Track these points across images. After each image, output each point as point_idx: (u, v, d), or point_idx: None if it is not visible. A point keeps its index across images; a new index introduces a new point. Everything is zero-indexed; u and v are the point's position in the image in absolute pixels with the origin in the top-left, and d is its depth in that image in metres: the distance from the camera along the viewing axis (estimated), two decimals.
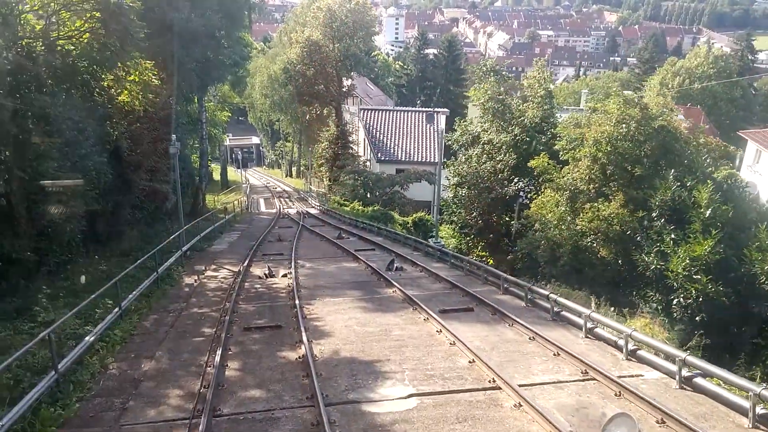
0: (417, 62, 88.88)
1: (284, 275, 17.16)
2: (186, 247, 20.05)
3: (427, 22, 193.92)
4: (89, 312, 11.78)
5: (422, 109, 54.06)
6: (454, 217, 31.08)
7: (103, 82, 17.90)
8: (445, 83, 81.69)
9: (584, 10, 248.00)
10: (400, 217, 33.45)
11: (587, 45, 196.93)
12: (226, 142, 77.41)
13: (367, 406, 8.43)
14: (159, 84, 22.03)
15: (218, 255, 21.64)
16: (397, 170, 40.50)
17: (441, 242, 26.93)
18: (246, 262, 18.79)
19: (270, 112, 68.47)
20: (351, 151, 47.27)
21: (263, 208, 48.06)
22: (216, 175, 61.40)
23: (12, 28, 14.33)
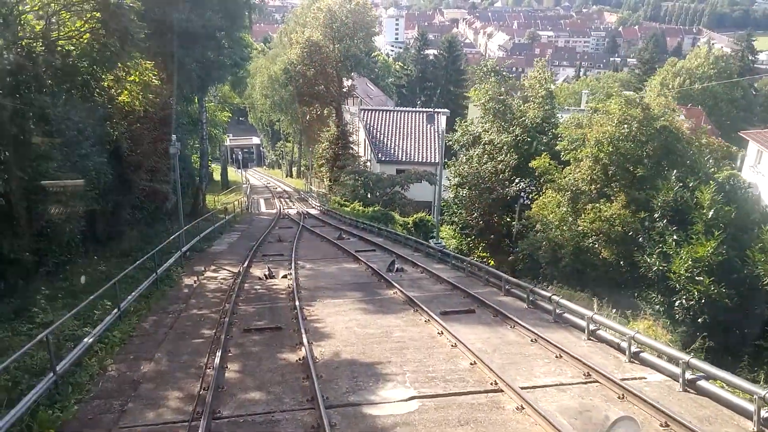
0: (417, 63, 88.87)
1: (284, 276, 17.09)
2: (186, 247, 19.99)
3: (427, 23, 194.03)
4: (88, 313, 11.71)
5: (422, 109, 54.02)
6: (455, 218, 31.03)
7: (103, 83, 17.86)
8: (445, 84, 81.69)
9: (584, 10, 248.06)
10: (401, 218, 33.38)
11: (587, 45, 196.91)
12: (227, 143, 77.39)
13: (368, 409, 8.36)
14: (159, 84, 22.00)
15: (218, 256, 21.57)
16: (398, 171, 40.45)
17: (442, 243, 26.86)
18: (246, 263, 18.72)
19: (270, 112, 68.49)
20: (351, 151, 47.23)
21: (263, 208, 48.00)
22: (216, 175, 61.36)
23: (12, 28, 14.27)
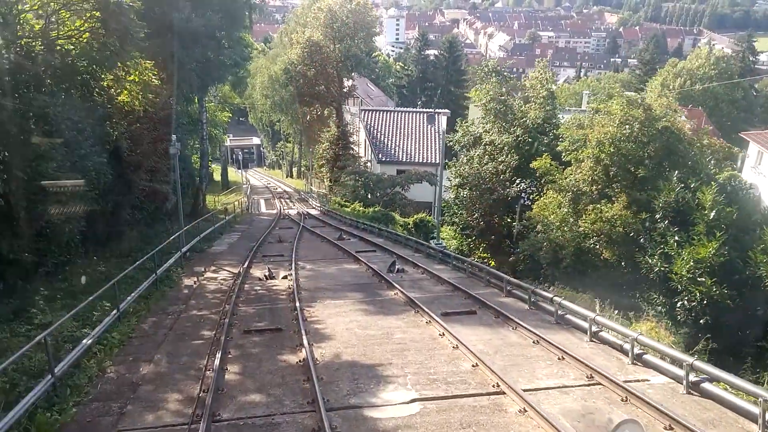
0: (418, 63, 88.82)
1: (284, 277, 17.02)
2: (186, 248, 19.93)
3: (427, 23, 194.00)
4: (87, 314, 11.65)
5: (423, 109, 53.96)
6: (456, 219, 30.97)
7: (102, 82, 17.77)
8: (445, 84, 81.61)
9: (585, 11, 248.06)
10: (401, 218, 33.31)
11: (588, 46, 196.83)
12: (227, 143, 77.32)
13: (369, 411, 8.28)
14: (159, 84, 21.90)
15: (218, 256, 21.51)
16: (398, 171, 40.38)
17: (442, 243, 26.77)
18: (246, 264, 18.65)
19: (271, 112, 68.43)
20: (352, 151, 47.17)
21: (264, 208, 47.94)
22: (216, 175, 61.29)
23: (11, 27, 14.21)
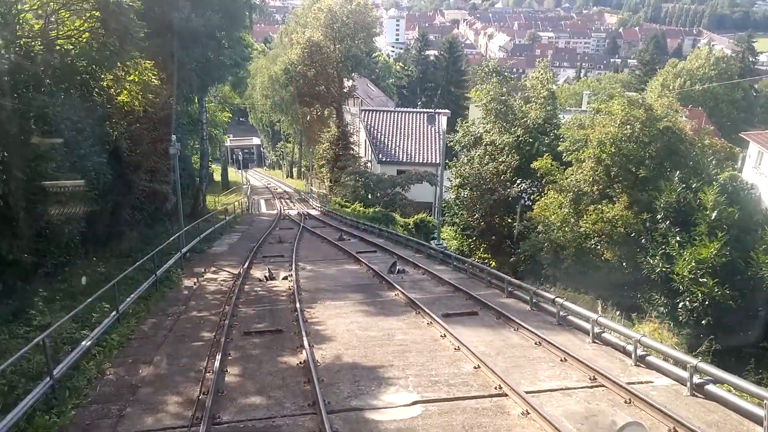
0: (418, 63, 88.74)
1: (285, 278, 16.96)
2: (186, 248, 19.86)
3: (427, 24, 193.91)
4: (86, 315, 11.58)
5: (423, 110, 53.89)
6: (456, 219, 30.87)
7: (102, 82, 17.70)
8: (446, 84, 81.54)
9: (585, 11, 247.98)
10: (402, 219, 33.25)
11: (588, 47, 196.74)
12: (227, 143, 77.26)
13: (370, 414, 8.22)
14: (159, 84, 21.83)
15: (218, 257, 21.44)
16: (398, 171, 40.32)
17: (443, 244, 26.71)
18: (246, 265, 18.59)
19: (271, 112, 68.35)
20: (352, 152, 47.09)
21: (264, 209, 47.89)
22: (217, 176, 61.22)
23: (11, 27, 14.14)
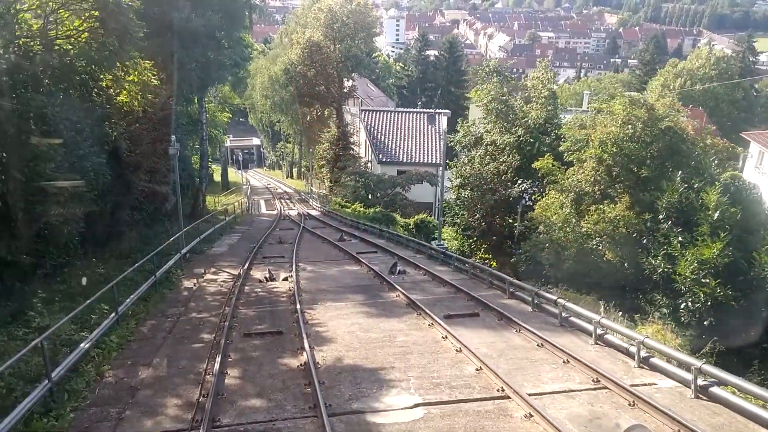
0: (418, 63, 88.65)
1: (285, 279, 16.87)
2: (185, 249, 19.77)
3: (427, 24, 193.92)
4: (85, 317, 11.48)
5: (423, 110, 53.83)
6: (457, 219, 30.79)
7: (101, 82, 17.61)
8: (446, 84, 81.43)
9: (585, 11, 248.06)
10: (402, 219, 33.20)
11: (588, 47, 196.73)
12: (227, 143, 77.21)
13: (371, 417, 8.14)
14: (158, 84, 21.71)
15: (218, 258, 21.36)
16: (399, 171, 40.27)
17: (444, 244, 26.63)
18: (246, 265, 18.50)
19: (271, 113, 68.32)
20: (352, 152, 47.04)
21: (264, 209, 47.81)
22: (216, 176, 61.16)
23: (9, 27, 14.06)
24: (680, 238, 17.08)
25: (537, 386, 8.99)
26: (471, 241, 29.86)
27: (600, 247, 19.56)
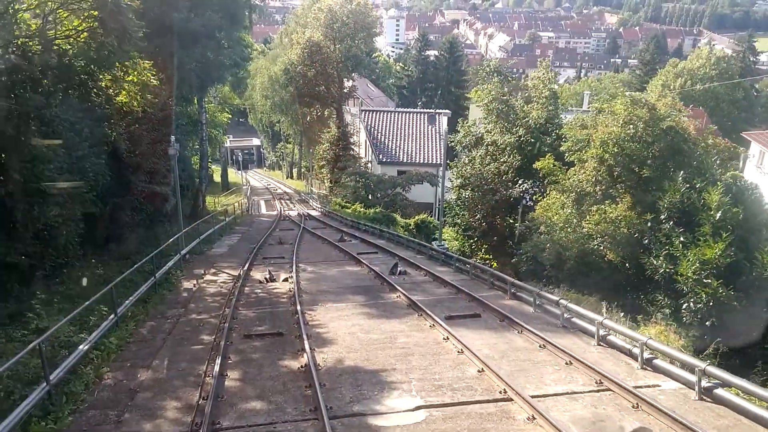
0: (418, 64, 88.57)
1: (285, 279, 16.80)
2: (185, 250, 19.70)
3: (427, 24, 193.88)
4: (84, 318, 11.41)
5: (424, 110, 53.78)
6: (458, 220, 30.72)
7: (100, 83, 17.56)
8: (446, 85, 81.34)
9: (585, 11, 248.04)
10: (403, 219, 33.13)
11: (588, 46, 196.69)
12: (227, 144, 77.15)
13: (373, 419, 8.06)
14: (158, 84, 21.67)
15: (218, 258, 21.29)
16: (399, 172, 40.20)
17: (444, 245, 26.56)
18: (246, 266, 18.43)
19: (270, 113, 68.21)
20: (352, 152, 46.98)
21: (264, 210, 47.75)
22: (216, 176, 61.12)
23: (8, 27, 13.99)
24: (682, 239, 16.98)
25: (540, 388, 8.92)
26: (472, 241, 29.79)
27: (601, 248, 19.48)
